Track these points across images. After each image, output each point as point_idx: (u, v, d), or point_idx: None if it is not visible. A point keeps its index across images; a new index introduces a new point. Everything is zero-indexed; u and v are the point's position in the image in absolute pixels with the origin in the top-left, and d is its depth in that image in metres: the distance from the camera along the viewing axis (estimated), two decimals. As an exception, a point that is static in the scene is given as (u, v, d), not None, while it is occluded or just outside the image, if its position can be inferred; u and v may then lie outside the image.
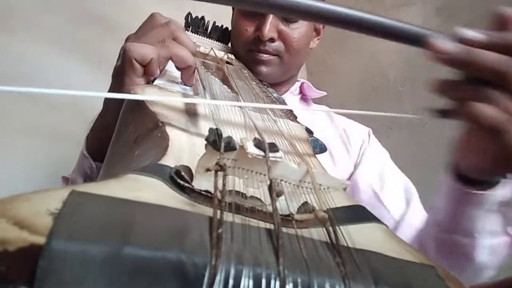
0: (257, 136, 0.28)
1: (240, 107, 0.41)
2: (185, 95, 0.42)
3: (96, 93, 0.26)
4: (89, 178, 0.54)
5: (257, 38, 0.66)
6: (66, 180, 0.61)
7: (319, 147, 0.43)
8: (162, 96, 0.38)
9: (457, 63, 0.30)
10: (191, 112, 0.36)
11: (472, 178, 0.39)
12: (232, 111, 0.39)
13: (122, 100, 0.40)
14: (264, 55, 0.67)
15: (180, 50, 0.43)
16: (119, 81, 0.44)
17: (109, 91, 0.48)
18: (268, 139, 0.29)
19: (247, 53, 0.68)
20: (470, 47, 0.30)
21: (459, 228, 0.44)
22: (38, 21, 0.89)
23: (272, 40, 0.66)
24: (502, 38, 0.30)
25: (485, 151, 0.35)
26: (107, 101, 0.51)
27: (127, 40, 0.46)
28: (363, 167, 0.68)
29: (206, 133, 0.23)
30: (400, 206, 0.63)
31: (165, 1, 1.01)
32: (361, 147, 0.71)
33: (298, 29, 0.67)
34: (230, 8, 0.76)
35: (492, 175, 0.39)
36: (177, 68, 0.45)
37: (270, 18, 0.64)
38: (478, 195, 0.39)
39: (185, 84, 0.46)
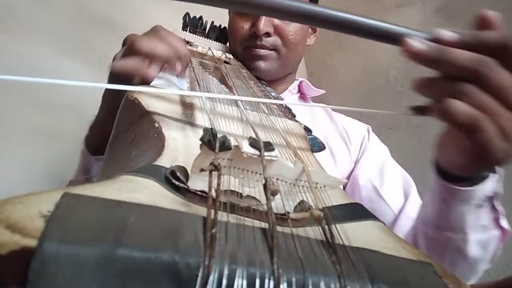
0: (253, 135, 0.28)
1: (237, 106, 0.41)
2: (181, 95, 0.42)
3: (93, 83, 0.26)
4: (89, 172, 0.56)
5: (253, 34, 0.66)
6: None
7: (318, 146, 0.43)
8: (158, 95, 0.38)
9: (430, 61, 0.30)
10: (187, 113, 0.36)
11: (456, 175, 0.38)
12: (229, 110, 0.39)
13: (116, 96, 0.40)
14: (262, 50, 0.67)
15: (175, 41, 0.45)
16: None
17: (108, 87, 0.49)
18: (264, 138, 0.29)
19: (245, 50, 0.69)
20: (444, 46, 0.30)
21: (449, 225, 0.43)
22: (38, 21, 0.89)
23: (268, 34, 0.66)
24: (474, 37, 0.30)
25: (462, 148, 0.34)
26: (102, 99, 0.52)
27: (126, 39, 0.47)
28: (363, 163, 0.68)
29: (202, 133, 0.23)
30: (399, 200, 0.63)
31: (163, 1, 1.01)
32: (362, 144, 0.71)
33: (293, 23, 0.68)
34: (228, 7, 0.76)
35: (471, 171, 0.38)
36: None
37: None
38: (464, 191, 0.39)
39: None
